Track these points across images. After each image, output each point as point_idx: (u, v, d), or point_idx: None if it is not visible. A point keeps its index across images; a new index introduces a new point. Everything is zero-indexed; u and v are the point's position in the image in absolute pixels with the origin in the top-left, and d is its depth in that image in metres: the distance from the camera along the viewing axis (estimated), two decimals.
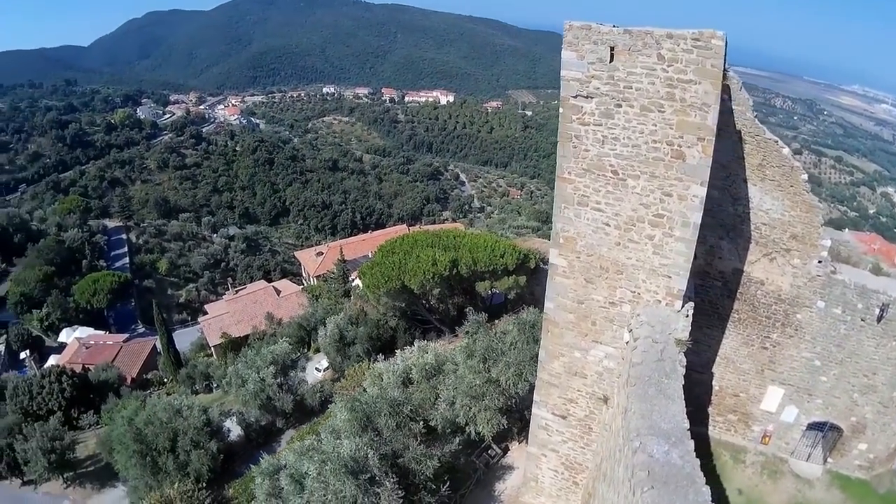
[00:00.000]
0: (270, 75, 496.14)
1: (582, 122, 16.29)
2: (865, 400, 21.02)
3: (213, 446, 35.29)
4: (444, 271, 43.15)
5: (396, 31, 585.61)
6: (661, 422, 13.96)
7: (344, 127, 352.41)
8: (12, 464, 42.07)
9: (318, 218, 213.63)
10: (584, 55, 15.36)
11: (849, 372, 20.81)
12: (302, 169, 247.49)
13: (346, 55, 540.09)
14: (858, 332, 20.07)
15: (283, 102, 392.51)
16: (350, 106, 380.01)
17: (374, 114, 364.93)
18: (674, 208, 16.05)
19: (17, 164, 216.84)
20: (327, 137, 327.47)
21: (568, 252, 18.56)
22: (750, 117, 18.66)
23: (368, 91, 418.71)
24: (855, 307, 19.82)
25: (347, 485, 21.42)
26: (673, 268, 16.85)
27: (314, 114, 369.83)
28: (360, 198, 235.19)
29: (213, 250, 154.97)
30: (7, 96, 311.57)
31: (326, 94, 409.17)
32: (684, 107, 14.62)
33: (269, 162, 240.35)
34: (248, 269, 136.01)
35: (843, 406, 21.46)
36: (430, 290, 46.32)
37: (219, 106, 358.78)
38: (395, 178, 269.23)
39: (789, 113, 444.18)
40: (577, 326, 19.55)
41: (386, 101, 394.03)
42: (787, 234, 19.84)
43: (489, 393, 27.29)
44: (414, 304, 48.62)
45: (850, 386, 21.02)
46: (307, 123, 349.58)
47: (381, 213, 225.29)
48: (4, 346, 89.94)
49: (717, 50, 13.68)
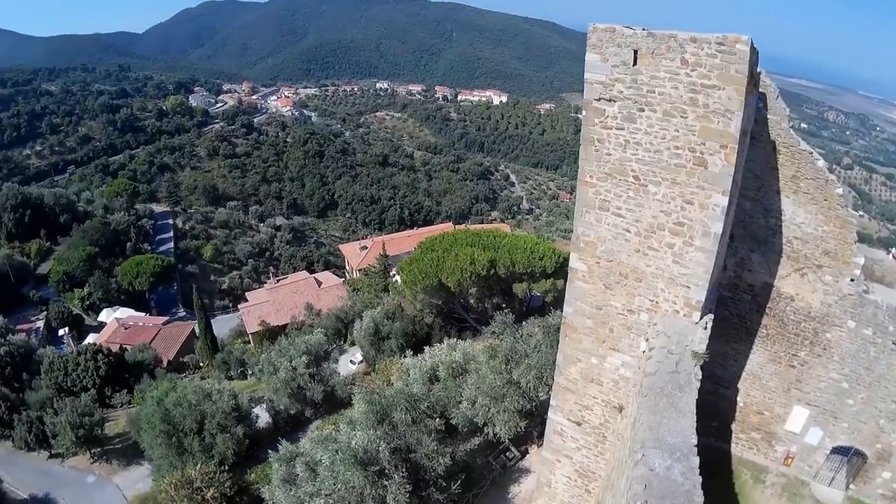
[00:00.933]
0: (324, 68, 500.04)
1: (604, 125, 16.08)
2: (892, 427, 20.14)
3: (239, 431, 35.69)
4: (481, 271, 43.16)
5: (452, 30, 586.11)
6: (668, 435, 13.59)
7: (396, 123, 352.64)
8: (41, 436, 43.46)
9: (367, 212, 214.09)
10: (607, 58, 15.18)
11: (877, 397, 19.99)
12: (352, 163, 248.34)
13: (401, 51, 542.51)
14: (889, 355, 19.24)
15: (336, 96, 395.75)
16: (403, 102, 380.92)
17: (427, 111, 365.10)
18: (695, 217, 15.68)
19: (67, 146, 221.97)
20: (379, 133, 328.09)
21: (588, 256, 18.34)
22: (785, 127, 18.07)
23: (422, 88, 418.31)
24: (886, 329, 19.01)
25: (356, 475, 21.61)
26: (692, 278, 16.46)
27: (367, 108, 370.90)
28: (409, 194, 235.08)
29: (258, 239, 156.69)
30: (60, 79, 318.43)
31: (379, 90, 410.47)
32: (707, 113, 14.27)
33: (320, 154, 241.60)
34: (292, 260, 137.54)
35: (868, 432, 20.61)
36: (467, 289, 46.40)
37: (271, 97, 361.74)
38: (445, 175, 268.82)
39: (842, 127, 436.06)
40: (595, 332, 19.28)
41: (439, 99, 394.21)
42: (819, 250, 19.14)
43: (509, 395, 27.14)
44: (451, 303, 48.76)
45: (878, 411, 20.17)
46: (359, 118, 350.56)
47: (429, 210, 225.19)
48: (44, 323, 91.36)
49: (741, 55, 13.28)
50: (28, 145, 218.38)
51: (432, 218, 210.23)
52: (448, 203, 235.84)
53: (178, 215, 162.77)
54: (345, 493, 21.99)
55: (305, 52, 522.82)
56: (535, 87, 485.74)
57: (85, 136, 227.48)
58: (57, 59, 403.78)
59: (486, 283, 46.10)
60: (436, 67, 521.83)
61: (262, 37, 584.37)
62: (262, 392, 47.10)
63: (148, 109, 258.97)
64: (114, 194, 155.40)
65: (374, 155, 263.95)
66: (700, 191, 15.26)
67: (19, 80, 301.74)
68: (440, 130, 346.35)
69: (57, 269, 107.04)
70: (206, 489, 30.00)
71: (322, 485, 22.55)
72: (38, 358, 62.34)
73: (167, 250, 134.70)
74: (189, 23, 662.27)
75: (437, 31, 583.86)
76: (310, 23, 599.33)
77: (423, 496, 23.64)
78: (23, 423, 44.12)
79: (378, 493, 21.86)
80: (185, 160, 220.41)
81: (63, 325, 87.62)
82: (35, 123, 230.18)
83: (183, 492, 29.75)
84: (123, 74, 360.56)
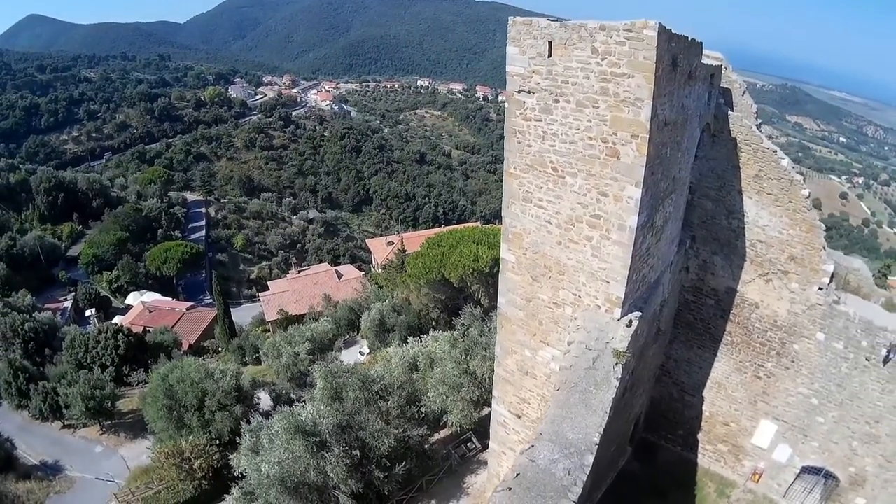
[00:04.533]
0: (366, 64, 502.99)
1: (525, 117, 16.17)
2: (867, 451, 19.25)
3: (237, 410, 36.78)
4: (484, 268, 43.44)
5: (495, 29, 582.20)
6: (568, 431, 13.34)
7: (435, 121, 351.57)
8: (55, 406, 45.40)
9: (401, 209, 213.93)
10: (525, 50, 15.31)
11: (849, 416, 19.16)
12: (389, 159, 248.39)
13: (444, 49, 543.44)
14: (862, 372, 18.46)
15: (377, 92, 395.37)
16: (443, 101, 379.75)
17: (467, 110, 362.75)
18: (610, 209, 15.55)
19: (104, 133, 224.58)
20: (418, 130, 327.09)
21: (516, 248, 18.34)
22: (748, 124, 17.58)
23: (463, 87, 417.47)
24: (859, 344, 18.22)
25: (299, 445, 23.19)
26: (611, 273, 16.25)
27: (407, 105, 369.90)
28: (445, 192, 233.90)
29: (290, 231, 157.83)
30: (100, 66, 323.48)
31: (420, 87, 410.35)
32: (618, 102, 14.21)
33: (357, 149, 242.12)
34: (318, 252, 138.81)
35: (841, 453, 19.73)
36: (470, 285, 46.49)
37: (312, 91, 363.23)
38: (481, 175, 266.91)
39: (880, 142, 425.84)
40: (526, 325, 19.21)
41: (479, 99, 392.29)
42: (784, 255, 18.52)
43: (465, 385, 27.70)
44: (455, 298, 48.88)
45: (850, 432, 19.30)
46: (399, 114, 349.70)
47: (463, 209, 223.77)
48: (72, 303, 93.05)
49: (649, 41, 13.17)
50: (65, 131, 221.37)
51: (467, 217, 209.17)
52: (483, 203, 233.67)
53: (210, 204, 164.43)
54: (292, 461, 23.34)
55: (348, 47, 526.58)
56: None
57: (122, 124, 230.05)
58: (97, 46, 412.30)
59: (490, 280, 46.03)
60: (478, 67, 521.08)
61: (305, 30, 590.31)
62: (270, 376, 48.39)
63: (186, 99, 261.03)
64: (147, 181, 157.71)
65: (411, 152, 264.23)
66: (614, 182, 15.16)
67: (59, 66, 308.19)
68: (479, 130, 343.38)
69: (87, 252, 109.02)
70: (193, 459, 32.74)
71: (274, 453, 23.91)
72: (61, 335, 63.93)
73: (198, 238, 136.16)
74: (232, 13, 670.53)
75: (481, 30, 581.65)
76: (353, 17, 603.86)
77: (365, 472, 24.60)
78: (38, 393, 46.01)
79: (319, 465, 23.16)
80: (221, 150, 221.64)
81: (90, 306, 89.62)
82: (73, 109, 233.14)
83: (172, 460, 32.59)
84: (163, 64, 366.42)
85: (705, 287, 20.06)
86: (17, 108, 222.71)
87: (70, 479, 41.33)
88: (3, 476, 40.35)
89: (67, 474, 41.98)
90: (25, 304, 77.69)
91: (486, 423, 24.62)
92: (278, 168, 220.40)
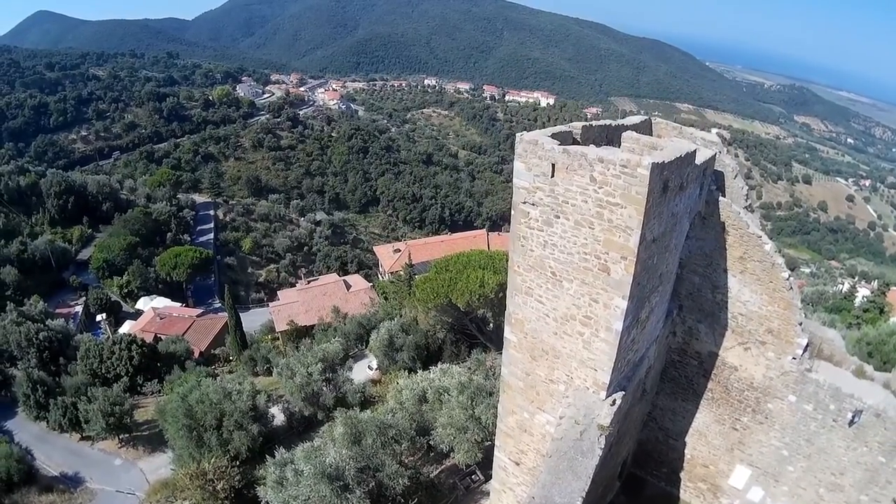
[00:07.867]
0: (374, 62, 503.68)
1: (528, 226, 17.64)
2: (832, 497, 20.95)
3: (254, 429, 38.33)
4: (490, 294, 44.53)
5: (503, 28, 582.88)
6: (556, 496, 15.36)
7: (442, 120, 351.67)
8: (74, 420, 46.74)
9: (408, 210, 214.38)
10: (531, 167, 16.66)
11: (816, 467, 20.90)
12: (396, 160, 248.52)
13: (451, 48, 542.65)
14: (829, 431, 20.15)
15: (384, 90, 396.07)
16: (450, 100, 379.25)
17: (474, 110, 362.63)
18: (599, 314, 17.14)
19: (113, 133, 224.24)
20: (425, 129, 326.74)
21: (517, 331, 20.08)
22: (736, 210, 19.20)
23: (470, 86, 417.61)
24: (827, 407, 19.92)
25: (325, 487, 25.00)
26: (598, 363, 17.96)
27: (414, 105, 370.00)
28: (451, 194, 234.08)
29: (298, 233, 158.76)
30: (108, 64, 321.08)
31: (427, 86, 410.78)
32: (611, 227, 15.56)
33: (364, 150, 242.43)
34: (326, 259, 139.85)
35: (808, 498, 21.56)
36: (476, 309, 47.86)
37: (319, 89, 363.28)
38: (488, 176, 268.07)
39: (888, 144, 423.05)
40: (525, 393, 20.98)
41: (486, 98, 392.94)
42: (763, 328, 20.29)
43: (471, 428, 29.48)
44: (462, 320, 50.21)
45: (817, 480, 21.08)
46: (406, 114, 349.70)
47: (470, 210, 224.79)
48: (83, 308, 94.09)
49: (641, 178, 14.40)
50: (74, 130, 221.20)
51: (473, 219, 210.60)
52: (489, 205, 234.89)
53: (219, 206, 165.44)
54: (317, 500, 25.21)
55: (355, 45, 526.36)
56: (584, 90, 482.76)
57: (131, 123, 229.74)
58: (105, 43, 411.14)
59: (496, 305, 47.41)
60: (485, 66, 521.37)
61: (313, 28, 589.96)
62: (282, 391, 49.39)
63: (195, 99, 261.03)
64: (157, 184, 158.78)
65: (418, 153, 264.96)
66: (604, 293, 16.69)
67: (67, 64, 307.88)
68: (486, 130, 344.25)
69: (98, 257, 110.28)
70: (217, 481, 33.17)
71: (301, 491, 25.60)
72: (75, 343, 65.36)
73: (207, 241, 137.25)
74: (240, 10, 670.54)
75: (488, 28, 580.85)
76: (361, 15, 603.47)
77: None
78: (58, 407, 47.34)
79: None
80: (229, 151, 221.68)
81: (101, 311, 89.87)
82: (82, 108, 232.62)
83: (197, 482, 33.04)
84: (171, 62, 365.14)
85: (690, 350, 22.00)
86: (27, 107, 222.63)
87: (91, 492, 42.40)
88: (27, 489, 41.29)
89: (88, 486, 42.97)
90: (38, 311, 79.20)
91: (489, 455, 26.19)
92: (286, 168, 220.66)
